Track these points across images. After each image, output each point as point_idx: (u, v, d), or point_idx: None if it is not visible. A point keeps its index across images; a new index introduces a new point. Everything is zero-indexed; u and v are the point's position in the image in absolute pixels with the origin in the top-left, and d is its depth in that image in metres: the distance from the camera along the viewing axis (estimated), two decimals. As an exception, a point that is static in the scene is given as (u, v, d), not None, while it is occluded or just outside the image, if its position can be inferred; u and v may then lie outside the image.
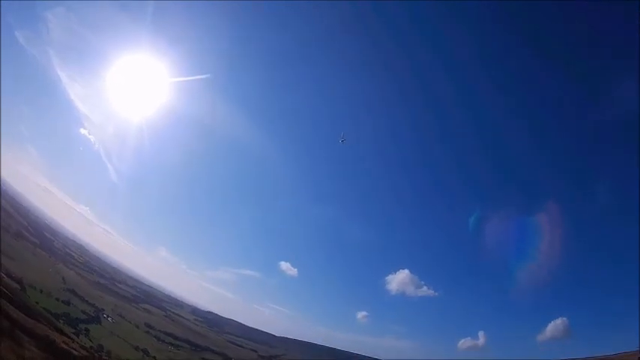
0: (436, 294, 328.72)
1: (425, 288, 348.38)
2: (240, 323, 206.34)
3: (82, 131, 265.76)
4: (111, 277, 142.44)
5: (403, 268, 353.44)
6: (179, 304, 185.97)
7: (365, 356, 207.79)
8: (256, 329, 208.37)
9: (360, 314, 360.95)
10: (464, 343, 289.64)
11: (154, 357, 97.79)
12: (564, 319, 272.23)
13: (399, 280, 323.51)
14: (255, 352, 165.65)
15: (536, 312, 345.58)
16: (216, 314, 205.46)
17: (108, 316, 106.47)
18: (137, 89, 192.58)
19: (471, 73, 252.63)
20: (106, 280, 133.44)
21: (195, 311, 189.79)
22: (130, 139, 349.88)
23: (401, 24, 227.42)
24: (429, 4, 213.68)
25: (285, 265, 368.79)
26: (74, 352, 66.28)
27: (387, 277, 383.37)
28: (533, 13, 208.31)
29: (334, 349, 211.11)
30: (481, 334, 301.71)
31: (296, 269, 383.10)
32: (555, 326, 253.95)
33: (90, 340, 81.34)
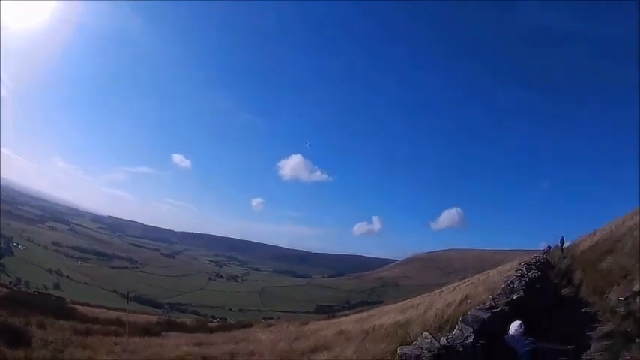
0: (330, 179, 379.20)
1: (319, 173, 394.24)
2: (141, 224, 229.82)
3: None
4: (13, 201, 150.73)
5: (295, 153, 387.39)
6: (80, 213, 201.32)
7: (265, 244, 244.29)
8: (157, 227, 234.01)
9: (256, 201, 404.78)
10: (359, 227, 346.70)
11: (68, 276, 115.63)
12: (459, 209, 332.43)
13: (291, 165, 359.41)
14: (158, 250, 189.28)
15: (431, 200, 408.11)
16: (117, 218, 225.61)
17: (18, 244, 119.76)
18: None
19: None
20: (9, 205, 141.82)
21: (96, 218, 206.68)
22: (15, 50, 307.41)
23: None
24: None
25: (178, 158, 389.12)
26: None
27: (279, 163, 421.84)
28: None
29: (234, 240, 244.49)
30: (376, 219, 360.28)
31: (189, 161, 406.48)
32: (450, 215, 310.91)
33: (8, 275, 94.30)
